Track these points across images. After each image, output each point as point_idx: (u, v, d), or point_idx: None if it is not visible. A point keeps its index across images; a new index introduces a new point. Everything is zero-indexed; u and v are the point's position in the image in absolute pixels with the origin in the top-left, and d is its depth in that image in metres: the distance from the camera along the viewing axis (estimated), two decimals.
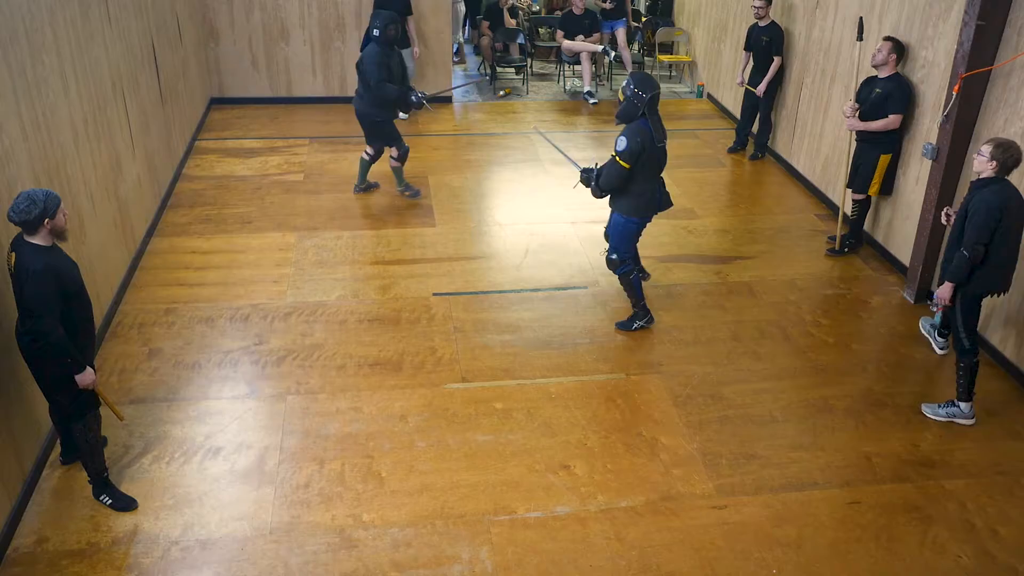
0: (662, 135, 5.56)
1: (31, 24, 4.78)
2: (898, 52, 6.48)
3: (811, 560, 4.21)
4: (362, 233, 7.25)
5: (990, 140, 4.86)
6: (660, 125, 5.56)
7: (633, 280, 5.95)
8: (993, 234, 4.79)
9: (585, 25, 10.97)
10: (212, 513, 4.37)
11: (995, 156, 4.76)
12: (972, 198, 4.87)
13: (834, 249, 7.16)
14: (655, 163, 5.61)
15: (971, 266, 4.86)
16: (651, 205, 5.75)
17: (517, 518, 4.41)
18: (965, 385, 5.14)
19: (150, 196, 7.14)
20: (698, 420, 5.15)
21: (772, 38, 8.44)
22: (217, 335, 5.79)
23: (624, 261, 5.92)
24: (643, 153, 5.49)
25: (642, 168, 5.57)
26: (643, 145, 5.47)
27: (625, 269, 5.93)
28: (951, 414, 5.22)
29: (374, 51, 7.27)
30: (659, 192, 5.74)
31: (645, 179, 5.64)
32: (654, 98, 5.47)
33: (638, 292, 5.98)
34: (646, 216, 5.83)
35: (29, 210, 3.76)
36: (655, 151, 5.55)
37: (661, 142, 5.57)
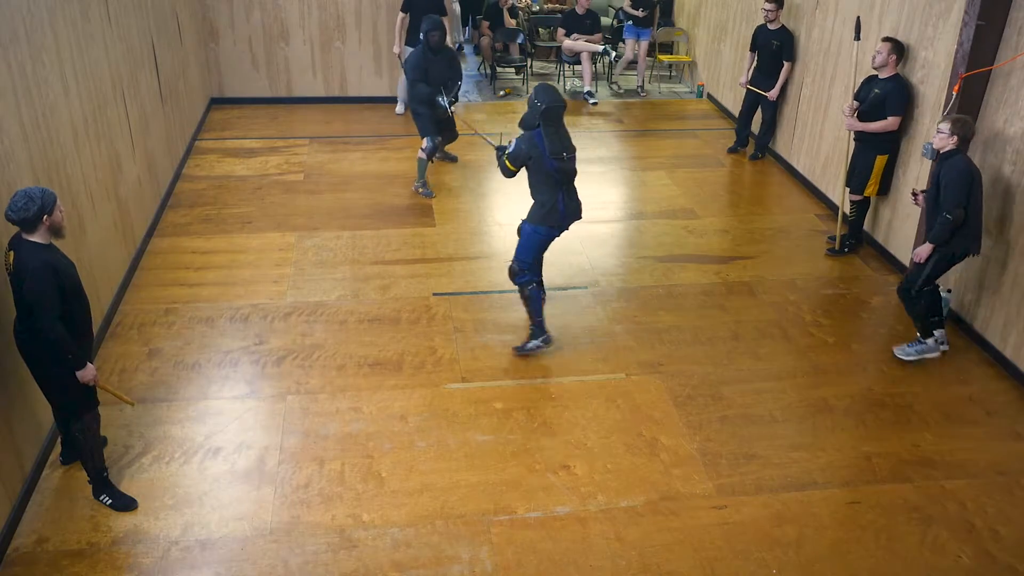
0: (561, 148, 5.41)
1: (31, 24, 4.78)
2: (898, 53, 6.47)
3: (811, 560, 4.21)
4: (362, 233, 7.26)
5: (946, 118, 5.38)
6: (560, 139, 5.42)
7: (531, 293, 5.68)
8: (968, 197, 5.25)
9: (586, 25, 10.98)
10: (212, 513, 4.37)
11: (955, 131, 5.27)
12: (941, 169, 5.33)
13: (834, 249, 7.16)
14: (551, 174, 5.43)
15: (953, 227, 5.29)
16: (553, 216, 5.55)
17: (517, 518, 4.41)
18: (923, 323, 5.65)
19: (150, 196, 7.14)
20: (698, 420, 5.15)
21: (783, 43, 8.37)
22: (217, 335, 5.79)
23: (523, 271, 5.69)
24: (530, 161, 5.42)
25: (537, 177, 5.49)
26: (529, 154, 5.40)
27: (522, 280, 5.69)
28: (920, 351, 5.71)
29: (416, 52, 7.75)
30: (563, 204, 5.53)
31: (546, 189, 5.51)
32: (550, 110, 5.36)
33: (535, 307, 5.70)
34: (551, 227, 5.60)
35: (27, 207, 3.77)
36: (547, 163, 5.39)
37: (560, 155, 5.40)
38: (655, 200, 8.12)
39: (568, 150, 5.48)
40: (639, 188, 8.45)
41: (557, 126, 5.45)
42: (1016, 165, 5.51)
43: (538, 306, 5.73)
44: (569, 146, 5.50)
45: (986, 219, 5.79)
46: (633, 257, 7.05)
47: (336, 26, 10.03)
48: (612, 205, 8.04)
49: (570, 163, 5.53)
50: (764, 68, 8.63)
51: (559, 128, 5.46)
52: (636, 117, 10.49)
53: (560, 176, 5.49)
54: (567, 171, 5.52)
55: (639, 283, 6.64)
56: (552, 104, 5.40)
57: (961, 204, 5.25)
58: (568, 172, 5.53)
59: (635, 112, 10.68)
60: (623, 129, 10.05)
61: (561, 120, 5.50)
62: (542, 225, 5.60)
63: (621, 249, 7.20)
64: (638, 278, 6.71)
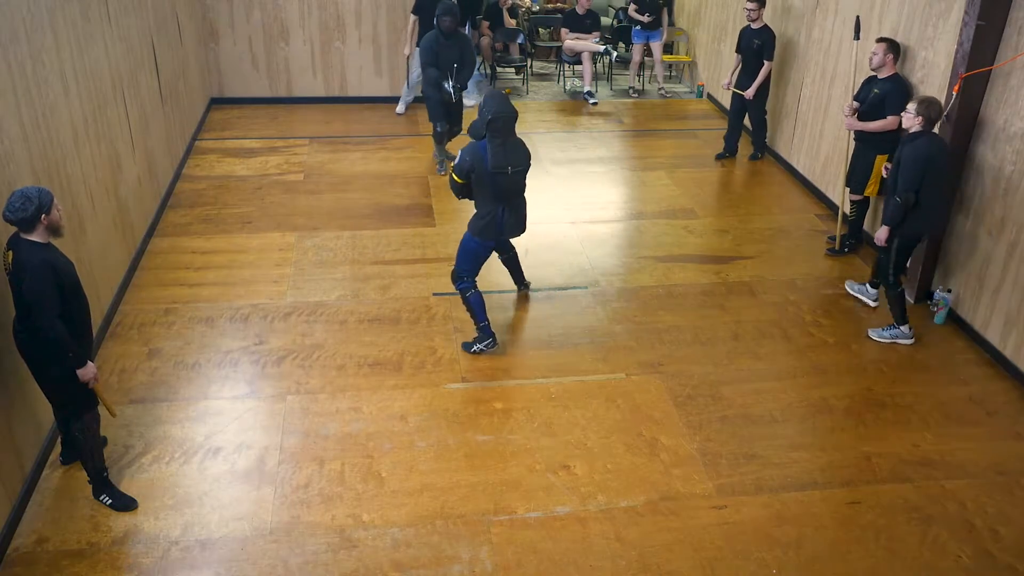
0: (506, 163, 5.27)
1: (31, 24, 4.78)
2: (894, 52, 6.46)
3: (811, 560, 4.21)
4: (362, 233, 7.25)
5: (914, 98, 5.57)
6: (507, 152, 5.28)
7: (470, 299, 5.66)
8: (922, 182, 5.40)
9: (587, 25, 10.98)
10: (212, 513, 4.37)
11: (920, 112, 5.40)
12: (903, 151, 5.50)
13: (834, 249, 7.16)
14: (493, 187, 5.35)
15: (904, 211, 5.50)
16: (490, 230, 5.51)
17: (517, 518, 4.41)
18: (898, 312, 5.85)
19: (150, 196, 7.14)
20: (698, 420, 5.15)
21: (763, 42, 8.33)
22: (217, 335, 5.79)
23: (461, 278, 5.70)
24: (473, 173, 5.34)
25: (479, 188, 5.41)
26: (473, 165, 5.31)
27: (461, 286, 5.71)
28: (894, 335, 5.91)
29: (429, 36, 7.91)
30: (501, 219, 5.47)
31: (487, 202, 5.44)
32: (496, 120, 5.20)
33: (477, 312, 5.67)
34: (486, 240, 5.57)
35: (25, 207, 3.77)
36: (490, 175, 5.30)
37: (503, 169, 5.28)
38: (655, 200, 8.12)
39: (514, 164, 5.32)
40: (639, 188, 8.45)
41: (505, 137, 5.29)
42: (1016, 165, 5.51)
43: (480, 310, 5.68)
44: (516, 160, 5.34)
45: (987, 219, 5.80)
46: (633, 257, 7.05)
47: (336, 26, 10.03)
48: (612, 205, 8.04)
49: (514, 178, 5.38)
50: (748, 69, 8.55)
51: (507, 139, 5.31)
52: (636, 117, 10.49)
53: (501, 191, 5.37)
54: (506, 187, 5.38)
55: (639, 283, 6.64)
56: (499, 114, 5.21)
57: (913, 188, 5.42)
58: (508, 188, 5.39)
59: (635, 112, 10.68)
60: (623, 129, 10.06)
61: (510, 131, 5.34)
62: (479, 237, 5.57)
63: (621, 249, 7.20)
64: (638, 278, 6.71)
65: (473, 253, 5.67)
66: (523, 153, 5.44)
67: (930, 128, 5.46)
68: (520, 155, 5.40)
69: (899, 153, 5.55)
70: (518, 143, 5.42)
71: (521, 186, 5.50)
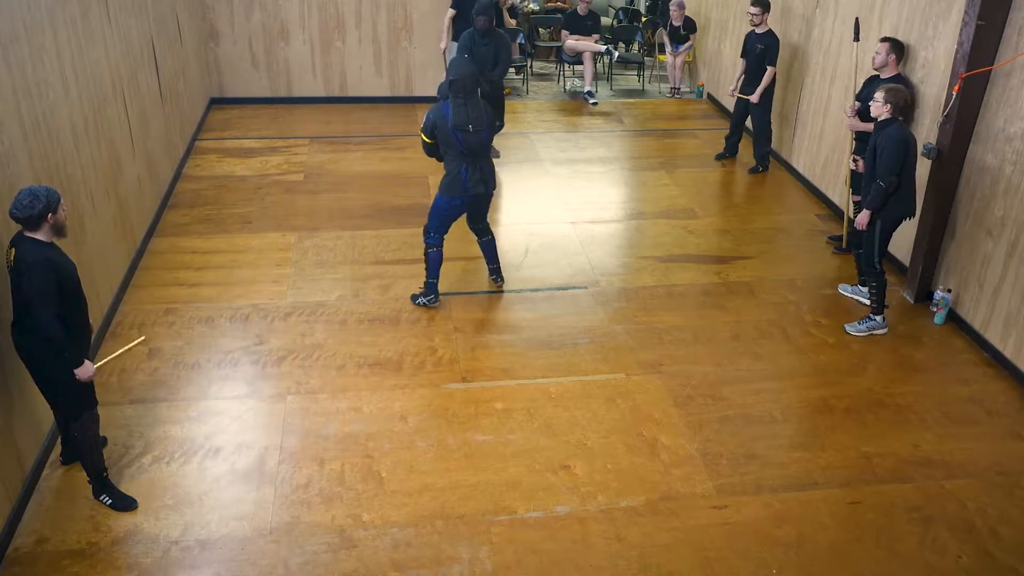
0: (466, 121, 5.67)
1: (31, 24, 4.78)
2: (897, 52, 6.46)
3: (811, 560, 4.21)
4: (362, 233, 7.25)
5: (881, 87, 5.64)
6: (468, 112, 5.68)
7: (430, 255, 6.09)
8: (902, 165, 5.53)
9: (588, 26, 10.99)
10: (212, 513, 4.36)
11: (888, 99, 5.53)
12: (878, 137, 5.61)
13: (841, 248, 7.15)
14: (456, 145, 5.75)
15: (886, 195, 5.61)
16: (456, 186, 5.91)
17: (517, 518, 4.41)
18: (877, 301, 5.98)
19: (150, 196, 7.14)
20: (698, 420, 5.15)
21: (767, 47, 8.25)
22: (217, 335, 5.79)
23: (429, 232, 6.09)
24: (437, 130, 5.76)
25: (445, 146, 5.83)
26: (435, 123, 5.75)
27: (427, 240, 6.11)
28: (870, 327, 6.03)
29: (466, 34, 8.22)
30: (465, 174, 5.86)
31: (451, 159, 5.87)
32: (456, 82, 5.65)
33: (431, 268, 6.11)
34: (453, 196, 5.95)
35: (32, 205, 3.77)
36: (452, 132, 5.69)
37: (464, 128, 5.68)
38: (655, 200, 8.12)
39: (475, 123, 5.70)
40: (639, 188, 8.45)
41: (466, 98, 5.70)
42: (1016, 165, 5.51)
43: (435, 268, 6.12)
44: (477, 119, 5.71)
45: (987, 219, 5.81)
46: (633, 257, 7.05)
47: (336, 26, 10.03)
48: (612, 205, 8.04)
49: (475, 136, 5.76)
50: (751, 73, 8.47)
51: (468, 100, 5.71)
52: (636, 117, 10.49)
53: (463, 147, 5.76)
54: (470, 143, 5.77)
55: (639, 283, 6.64)
56: (458, 76, 5.67)
57: (894, 172, 5.53)
58: (471, 144, 5.78)
59: (635, 112, 10.69)
60: (623, 129, 10.06)
61: (472, 92, 5.73)
62: (446, 195, 5.97)
63: (621, 249, 7.20)
64: (638, 278, 6.71)
65: (441, 210, 6.05)
66: (484, 113, 5.80)
67: (899, 115, 5.58)
68: (481, 115, 5.77)
69: (873, 141, 5.67)
70: (479, 104, 5.80)
71: (484, 144, 5.87)
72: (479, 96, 5.82)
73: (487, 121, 5.81)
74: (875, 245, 5.86)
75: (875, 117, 5.68)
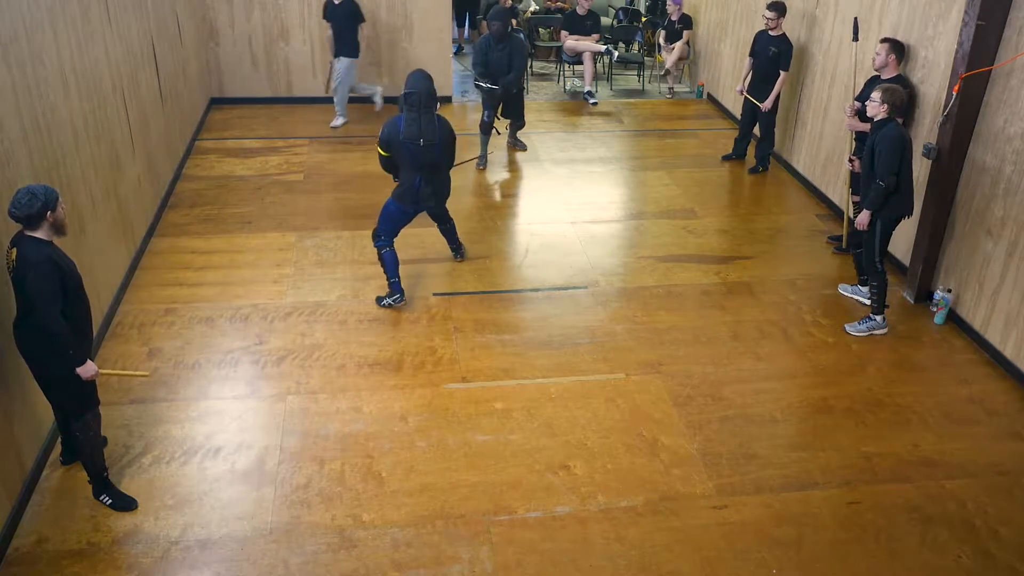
0: (418, 135, 5.70)
1: (31, 24, 4.78)
2: (897, 52, 6.46)
3: (811, 560, 4.21)
4: (362, 233, 7.25)
5: (878, 87, 5.65)
6: (420, 126, 5.70)
7: (384, 256, 6.12)
8: (900, 164, 5.54)
9: (587, 26, 10.98)
10: (212, 513, 4.37)
11: (884, 99, 5.56)
12: (875, 137, 5.63)
13: (841, 248, 7.15)
14: (410, 158, 5.80)
15: (886, 194, 5.63)
16: (407, 196, 5.98)
17: (517, 518, 4.41)
18: (880, 300, 5.98)
19: (150, 196, 7.14)
20: (698, 420, 5.15)
21: (781, 51, 8.17)
22: (217, 335, 5.79)
23: (379, 236, 6.15)
24: (391, 144, 5.81)
25: (399, 158, 5.87)
26: (388, 137, 5.79)
27: (377, 243, 6.16)
28: (870, 327, 6.03)
29: (482, 39, 8.50)
30: (418, 186, 5.91)
31: (404, 170, 5.92)
32: (410, 96, 5.67)
33: (389, 269, 6.13)
34: (404, 205, 6.03)
35: (31, 204, 3.77)
36: (405, 146, 5.74)
37: (415, 141, 5.71)
38: (655, 200, 8.12)
39: (427, 137, 5.73)
40: (639, 188, 8.45)
41: (420, 112, 5.71)
42: (1016, 165, 5.51)
43: (392, 267, 6.14)
44: (429, 133, 5.74)
45: (987, 219, 5.81)
46: (633, 257, 7.05)
47: None
48: (612, 205, 8.04)
49: (427, 150, 5.79)
50: (760, 75, 8.42)
51: (422, 114, 5.72)
52: (636, 117, 10.49)
53: (415, 160, 5.81)
54: (420, 157, 5.81)
55: (639, 283, 6.64)
56: (412, 90, 5.68)
57: (893, 171, 5.56)
58: (420, 159, 5.80)
59: (635, 112, 10.69)
60: (623, 129, 10.06)
61: (427, 106, 5.72)
62: (398, 203, 6.07)
63: (621, 249, 7.20)
64: (638, 278, 6.71)
65: (391, 215, 6.14)
66: (437, 128, 5.80)
67: (895, 115, 5.61)
68: (433, 129, 5.77)
69: (870, 141, 5.69)
70: (435, 119, 5.81)
71: (436, 160, 5.91)
72: (435, 111, 5.84)
73: (440, 136, 5.81)
74: (875, 245, 5.87)
75: (872, 117, 5.71)
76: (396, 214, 6.11)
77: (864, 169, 5.83)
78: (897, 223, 5.89)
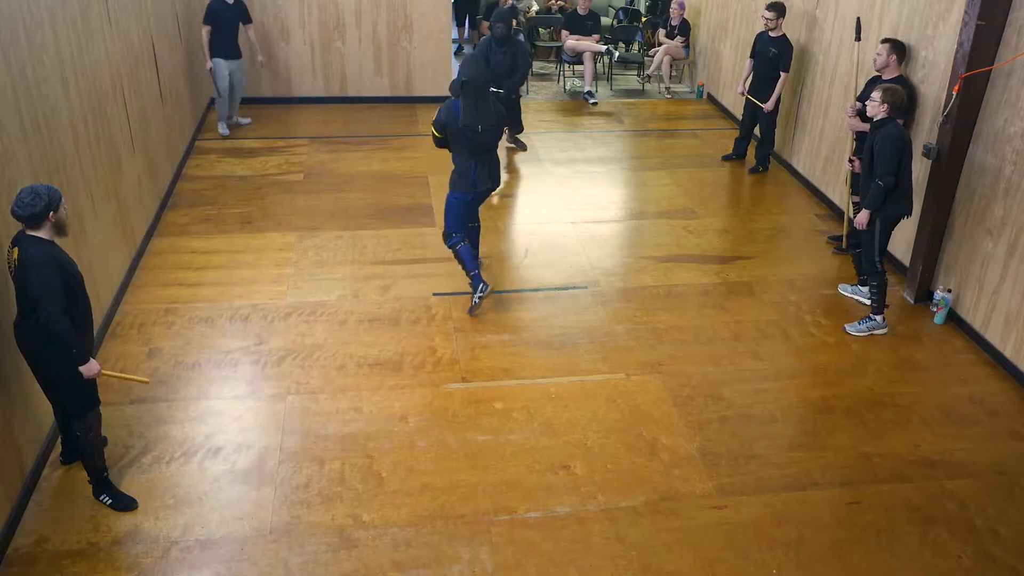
0: (476, 121, 5.74)
1: (31, 24, 4.78)
2: (898, 53, 6.45)
3: (811, 560, 4.21)
4: (362, 233, 7.25)
5: (878, 87, 5.66)
6: (478, 112, 5.74)
7: (460, 251, 6.14)
8: (899, 164, 5.56)
9: (588, 26, 10.99)
10: (212, 513, 4.36)
11: (885, 99, 5.56)
12: (875, 137, 5.64)
13: (841, 248, 7.15)
14: (468, 144, 5.84)
15: (885, 194, 5.65)
16: (464, 182, 6.02)
17: (517, 518, 4.41)
18: (880, 300, 5.99)
19: (150, 196, 7.14)
20: (698, 420, 5.15)
21: (781, 52, 8.17)
22: (217, 335, 5.79)
23: (451, 234, 6.16)
24: (447, 128, 5.84)
25: (454, 143, 5.92)
26: (445, 121, 5.83)
27: (451, 242, 6.16)
28: (871, 327, 6.04)
29: (481, 43, 8.49)
30: (474, 171, 5.96)
31: (460, 156, 5.97)
32: (468, 84, 5.70)
33: (467, 263, 6.14)
34: (464, 192, 6.06)
35: (34, 203, 3.77)
36: (462, 131, 5.77)
37: (473, 128, 5.75)
38: (655, 200, 8.12)
39: (484, 123, 5.78)
40: (639, 188, 8.45)
41: (476, 99, 5.76)
42: (1016, 165, 5.51)
43: (470, 262, 6.15)
44: (487, 120, 5.79)
45: (987, 219, 5.81)
46: (633, 257, 7.05)
47: (336, 26, 10.03)
48: (612, 205, 8.04)
49: (484, 136, 5.86)
50: (760, 76, 8.42)
51: (478, 101, 5.77)
52: (636, 117, 10.49)
53: (472, 146, 5.86)
54: (478, 143, 5.87)
55: (639, 283, 6.64)
56: (471, 78, 5.72)
57: (892, 171, 5.57)
58: (479, 144, 5.88)
59: (635, 112, 10.69)
60: (623, 129, 10.06)
61: (482, 94, 5.80)
62: (457, 190, 6.09)
63: (621, 249, 7.20)
64: (638, 278, 6.71)
65: (454, 208, 6.15)
66: (494, 114, 5.88)
67: (896, 116, 5.63)
68: (490, 115, 5.85)
69: (870, 141, 5.70)
70: (490, 104, 5.87)
71: (492, 143, 6.01)
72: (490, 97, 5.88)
73: (497, 121, 5.88)
74: (875, 244, 5.88)
75: (872, 117, 5.71)
76: (459, 205, 6.12)
77: (864, 169, 5.84)
78: (896, 223, 5.89)
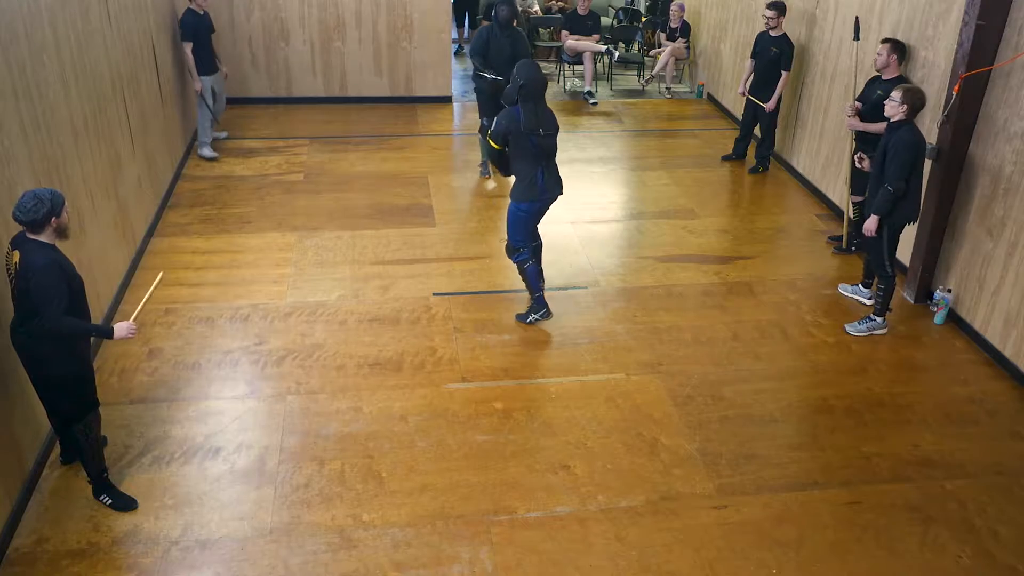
0: (537, 125, 5.60)
1: (31, 24, 4.78)
2: (898, 53, 6.45)
3: (811, 560, 4.21)
4: (362, 233, 7.25)
5: (898, 87, 5.55)
6: (538, 116, 5.61)
7: (528, 270, 5.95)
8: (911, 169, 5.48)
9: (588, 26, 10.99)
10: (212, 513, 4.37)
11: (905, 100, 5.43)
12: (890, 139, 5.53)
13: (841, 247, 7.15)
14: (531, 150, 5.66)
15: (894, 199, 5.56)
16: (531, 191, 5.80)
17: (517, 518, 4.41)
18: (885, 302, 5.98)
19: (150, 196, 7.14)
20: (698, 420, 5.15)
21: (782, 51, 8.15)
22: (217, 335, 5.79)
23: (517, 249, 5.95)
24: (510, 136, 5.65)
25: (518, 152, 5.71)
26: (508, 129, 5.62)
27: (519, 258, 5.96)
28: (870, 327, 6.02)
29: (484, 28, 8.11)
30: (541, 179, 5.77)
31: (525, 164, 5.75)
32: (527, 86, 5.54)
33: (533, 283, 5.98)
34: (531, 201, 5.83)
35: (37, 209, 3.76)
36: (526, 138, 5.62)
37: (536, 132, 5.60)
38: (655, 200, 8.12)
39: (546, 127, 5.66)
40: (639, 188, 8.45)
41: (536, 102, 5.62)
42: (1016, 164, 5.51)
43: (535, 281, 5.97)
44: (548, 123, 5.68)
45: (987, 219, 5.81)
46: (633, 257, 7.05)
47: (336, 26, 10.03)
48: (612, 205, 8.04)
49: (547, 139, 5.71)
50: (761, 75, 8.40)
51: (538, 104, 5.64)
52: (636, 117, 10.49)
53: (538, 151, 5.68)
54: (544, 147, 5.70)
55: (639, 283, 6.64)
56: (530, 79, 5.56)
57: (903, 176, 5.49)
58: (545, 148, 5.72)
59: (635, 112, 10.68)
60: (623, 129, 10.05)
61: (541, 96, 5.67)
62: (523, 201, 5.83)
63: (621, 249, 7.20)
64: (638, 278, 6.71)
65: (520, 221, 5.91)
66: (552, 118, 5.77)
67: (913, 117, 5.52)
68: (550, 119, 5.74)
69: (884, 142, 5.59)
70: (548, 109, 5.75)
71: (553, 149, 5.81)
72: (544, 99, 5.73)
73: (556, 126, 5.76)
74: (883, 249, 5.84)
75: (889, 117, 5.58)
76: (525, 217, 5.88)
77: (874, 170, 5.75)
78: (903, 227, 5.86)
